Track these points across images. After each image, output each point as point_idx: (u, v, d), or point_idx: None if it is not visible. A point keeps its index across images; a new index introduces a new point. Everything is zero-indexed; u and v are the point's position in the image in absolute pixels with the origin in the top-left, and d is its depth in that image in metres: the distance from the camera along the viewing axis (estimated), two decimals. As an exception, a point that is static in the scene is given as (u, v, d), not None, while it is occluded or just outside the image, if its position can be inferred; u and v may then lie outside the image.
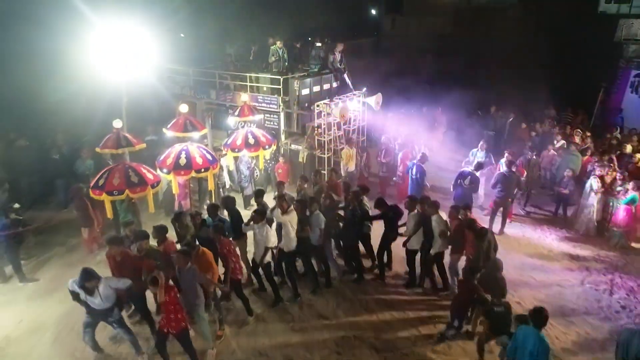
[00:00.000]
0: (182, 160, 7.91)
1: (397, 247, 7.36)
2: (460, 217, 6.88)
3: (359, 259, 7.50)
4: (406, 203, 7.14)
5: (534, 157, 10.62)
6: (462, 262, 6.91)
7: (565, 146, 11.02)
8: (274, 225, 6.98)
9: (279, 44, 10.57)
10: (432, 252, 6.86)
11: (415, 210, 6.93)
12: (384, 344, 6.02)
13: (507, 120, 13.95)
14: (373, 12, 31.08)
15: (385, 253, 7.52)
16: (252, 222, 6.59)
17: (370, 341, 6.08)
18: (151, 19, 10.08)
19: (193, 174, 8.00)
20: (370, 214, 7.39)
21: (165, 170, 7.93)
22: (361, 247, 7.53)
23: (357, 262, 7.49)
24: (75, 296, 5.28)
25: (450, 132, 14.69)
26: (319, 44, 11.40)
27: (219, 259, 6.36)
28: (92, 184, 7.36)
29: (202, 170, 8.01)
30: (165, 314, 5.15)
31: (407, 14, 30.36)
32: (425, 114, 15.04)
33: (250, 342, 6.06)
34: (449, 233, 6.75)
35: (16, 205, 7.20)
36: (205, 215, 7.05)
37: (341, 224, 7.46)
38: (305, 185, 8.14)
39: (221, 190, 9.39)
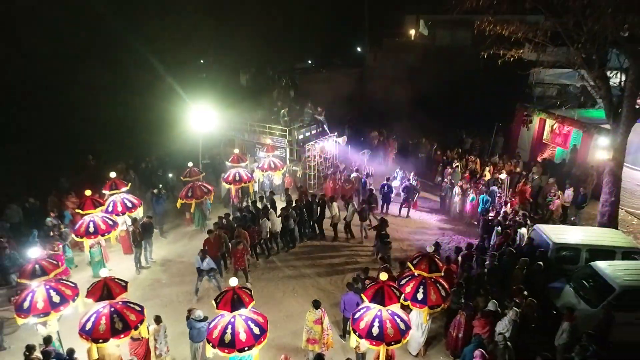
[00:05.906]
0: (237, 177, 15.55)
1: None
2: (363, 205, 14.49)
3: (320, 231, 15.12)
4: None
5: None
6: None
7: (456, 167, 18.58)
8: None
9: (285, 109, 18.26)
10: (346, 219, 14.61)
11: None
12: (329, 266, 13.59)
13: (432, 147, 21.46)
14: (359, 49, 38.25)
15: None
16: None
17: (325, 265, 13.66)
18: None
19: (243, 184, 15.66)
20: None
21: (228, 183, 15.57)
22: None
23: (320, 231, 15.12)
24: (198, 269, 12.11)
25: (398, 154, 22.08)
26: (309, 110, 19.09)
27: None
28: (182, 194, 14.89)
29: (247, 182, 15.67)
30: (236, 260, 12.30)
31: (385, 51, 36.96)
32: (381, 140, 22.61)
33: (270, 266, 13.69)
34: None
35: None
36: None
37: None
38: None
39: (255, 193, 16.90)
